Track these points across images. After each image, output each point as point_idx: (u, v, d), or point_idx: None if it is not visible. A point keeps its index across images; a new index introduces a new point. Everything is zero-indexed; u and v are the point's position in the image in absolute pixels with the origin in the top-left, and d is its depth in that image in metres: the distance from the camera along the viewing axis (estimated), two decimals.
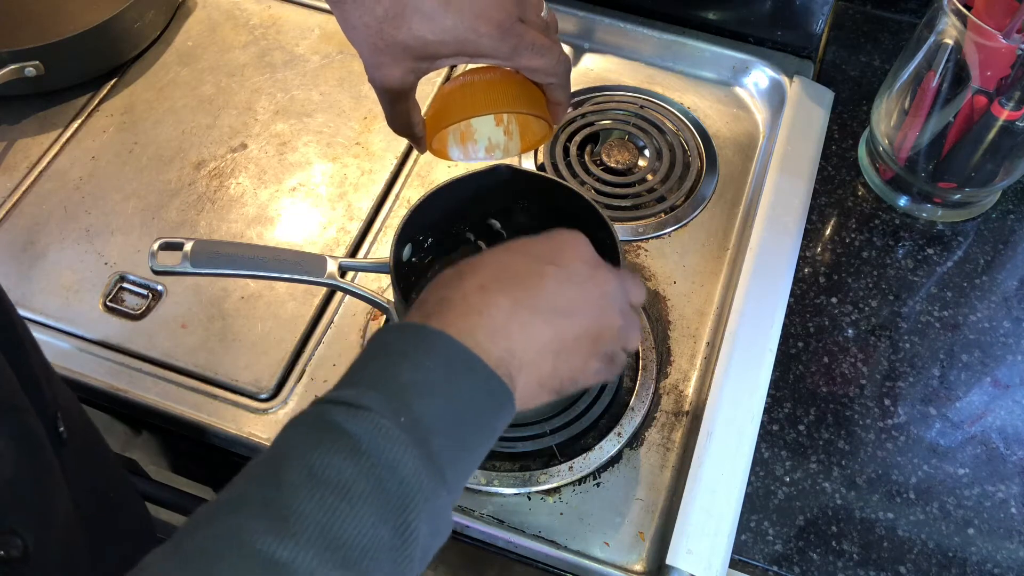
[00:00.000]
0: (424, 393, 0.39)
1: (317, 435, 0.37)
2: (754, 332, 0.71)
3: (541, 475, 0.67)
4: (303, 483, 0.35)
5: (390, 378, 0.39)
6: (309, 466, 0.35)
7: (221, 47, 0.96)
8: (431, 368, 0.40)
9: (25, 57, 0.84)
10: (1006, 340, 0.74)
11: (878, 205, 0.82)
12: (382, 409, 0.37)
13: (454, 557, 0.85)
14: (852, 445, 0.68)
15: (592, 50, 0.96)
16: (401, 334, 0.42)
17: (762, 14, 0.92)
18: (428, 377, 0.39)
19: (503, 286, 0.43)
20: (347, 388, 0.39)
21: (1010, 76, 0.67)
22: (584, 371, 0.46)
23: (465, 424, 0.40)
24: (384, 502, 0.35)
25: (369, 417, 0.37)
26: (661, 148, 0.87)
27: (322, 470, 0.35)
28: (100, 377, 0.72)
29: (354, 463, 0.35)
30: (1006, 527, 0.65)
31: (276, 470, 0.36)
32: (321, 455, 0.36)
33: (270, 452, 0.37)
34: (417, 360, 0.40)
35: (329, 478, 0.35)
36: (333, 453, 0.36)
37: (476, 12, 0.48)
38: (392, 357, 0.40)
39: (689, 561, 0.61)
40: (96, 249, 0.80)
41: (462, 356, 0.40)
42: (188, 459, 0.87)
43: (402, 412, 0.38)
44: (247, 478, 0.37)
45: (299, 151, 0.87)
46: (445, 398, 0.39)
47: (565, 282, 0.45)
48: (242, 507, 0.35)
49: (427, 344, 0.40)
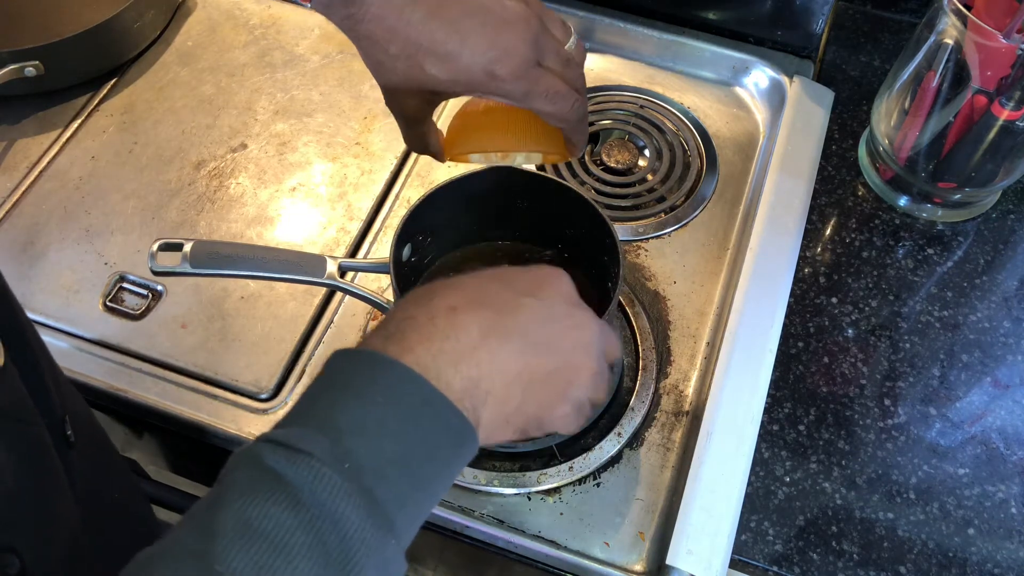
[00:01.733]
0: (372, 434, 0.36)
1: (256, 481, 0.34)
2: (754, 332, 0.71)
3: (541, 475, 0.67)
4: (237, 535, 0.32)
5: (336, 418, 0.36)
6: (246, 517, 0.33)
7: (221, 47, 0.96)
8: (382, 404, 0.37)
9: (25, 57, 0.84)
10: (1006, 340, 0.74)
11: (878, 205, 0.82)
12: (324, 455, 0.34)
13: (454, 557, 0.85)
14: (852, 445, 0.68)
15: (592, 50, 0.96)
16: (355, 364, 0.38)
17: (762, 14, 0.92)
18: (378, 415, 0.36)
19: (475, 309, 0.41)
20: (292, 426, 0.37)
21: (1010, 76, 0.67)
22: (552, 411, 0.44)
23: (418, 464, 0.37)
24: (324, 558, 0.33)
25: (309, 464, 0.34)
26: (661, 148, 0.87)
27: (258, 522, 0.33)
28: (100, 377, 0.72)
29: (293, 515, 0.33)
30: (1006, 527, 0.65)
31: (212, 519, 0.33)
32: (259, 505, 0.33)
33: (211, 494, 0.35)
34: (368, 395, 0.37)
35: (265, 531, 0.32)
36: (271, 503, 0.33)
37: (491, 57, 0.47)
38: (341, 392, 0.37)
39: (689, 561, 0.61)
40: (96, 249, 0.80)
41: (418, 389, 0.37)
42: (188, 459, 0.87)
43: (346, 458, 0.35)
44: (186, 525, 0.34)
45: (299, 151, 0.87)
46: (396, 438, 0.36)
47: (542, 316, 0.43)
48: (176, 559, 0.33)
49: (381, 377, 0.37)
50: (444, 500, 0.67)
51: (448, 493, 0.67)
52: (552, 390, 0.43)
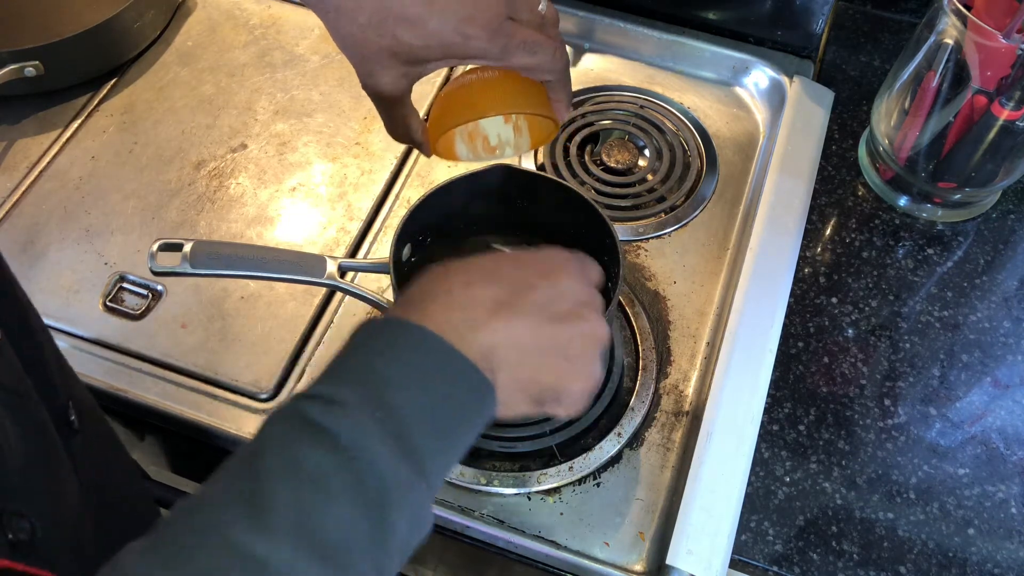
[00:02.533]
0: (402, 387, 0.39)
1: (295, 431, 0.37)
2: (754, 332, 0.71)
3: (541, 475, 0.67)
4: (281, 476, 0.35)
5: (367, 373, 0.39)
6: (287, 460, 0.35)
7: (221, 47, 0.96)
8: (409, 362, 0.39)
9: (25, 57, 0.84)
10: (1006, 340, 0.74)
11: (878, 205, 0.82)
12: (359, 404, 0.37)
13: (454, 557, 0.85)
14: (852, 445, 0.68)
15: (592, 50, 0.96)
16: (380, 328, 0.41)
17: (762, 14, 0.92)
18: (406, 371, 0.39)
19: (489, 284, 0.43)
20: (325, 384, 0.39)
21: (1010, 76, 0.67)
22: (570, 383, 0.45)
23: (444, 417, 0.40)
24: (362, 495, 0.35)
25: (345, 412, 0.37)
26: (661, 148, 0.87)
27: (300, 464, 0.35)
28: (100, 377, 0.72)
29: (332, 458, 0.35)
30: (1006, 527, 0.65)
31: (254, 464, 0.36)
32: (299, 449, 0.36)
33: (249, 447, 0.37)
34: (395, 354, 0.40)
35: (307, 472, 0.35)
36: (311, 447, 0.36)
37: (461, 15, 0.47)
38: (370, 352, 0.40)
39: (689, 561, 0.61)
40: (96, 249, 0.80)
41: (441, 349, 0.40)
42: (188, 459, 0.87)
43: (379, 407, 0.37)
44: (226, 472, 0.36)
45: (299, 151, 0.87)
46: (423, 391, 0.39)
47: (554, 295, 0.45)
48: (219, 500, 0.35)
49: (405, 338, 0.40)
50: (444, 500, 0.67)
51: (448, 493, 0.67)
52: (569, 363, 0.45)
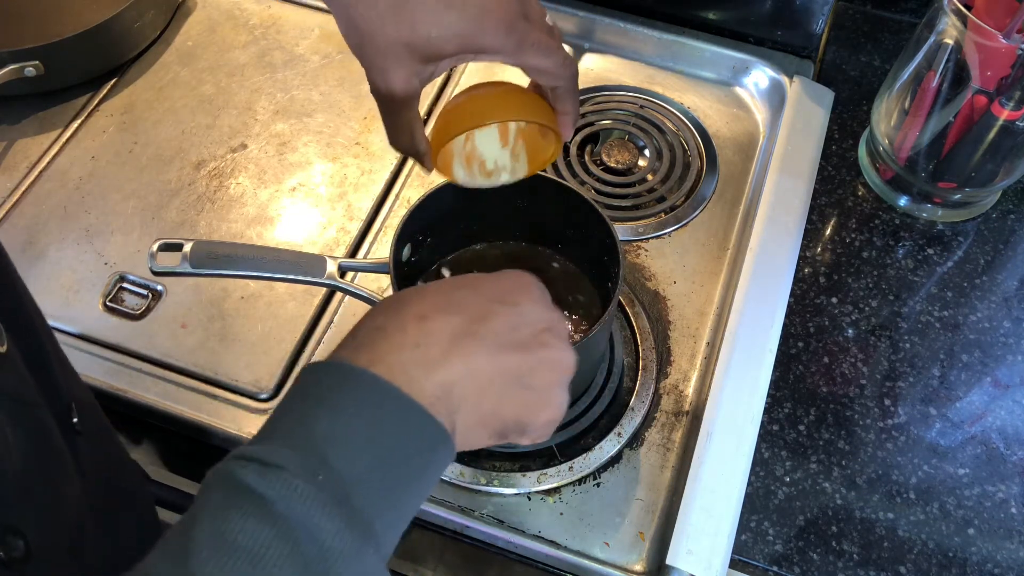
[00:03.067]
0: (345, 444, 0.35)
1: (230, 498, 0.34)
2: (754, 332, 0.71)
3: (541, 475, 0.67)
4: (213, 551, 0.32)
5: (308, 430, 0.36)
6: (220, 532, 0.32)
7: (221, 47, 0.96)
8: (353, 414, 0.36)
9: (25, 57, 0.84)
10: (1006, 340, 0.74)
11: (878, 205, 0.82)
12: (297, 468, 0.34)
13: (454, 557, 0.85)
14: (852, 445, 0.68)
15: (592, 50, 0.96)
16: (325, 375, 0.38)
17: (762, 14, 0.92)
18: (350, 425, 0.36)
19: (445, 316, 0.40)
20: (264, 442, 0.36)
21: (1010, 76, 0.67)
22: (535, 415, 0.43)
23: (394, 472, 0.36)
24: (302, 569, 0.32)
25: (282, 477, 0.34)
26: (661, 148, 0.87)
27: (234, 536, 0.32)
28: (100, 377, 0.72)
29: (268, 527, 0.32)
30: (1006, 527, 0.65)
31: (187, 538, 0.33)
32: (234, 519, 0.33)
33: (186, 516, 0.34)
34: (338, 406, 0.36)
35: (241, 544, 0.32)
36: (246, 517, 0.33)
37: (480, 6, 0.47)
38: (312, 404, 0.37)
39: (689, 561, 0.61)
40: (96, 249, 0.80)
41: (390, 397, 0.37)
42: (188, 459, 0.87)
43: (320, 469, 0.34)
44: (161, 547, 0.34)
45: (299, 151, 0.87)
46: (370, 447, 0.36)
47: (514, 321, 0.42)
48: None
49: (352, 387, 0.37)
50: (444, 500, 0.67)
51: (448, 493, 0.67)
52: (532, 394, 0.43)
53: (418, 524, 0.68)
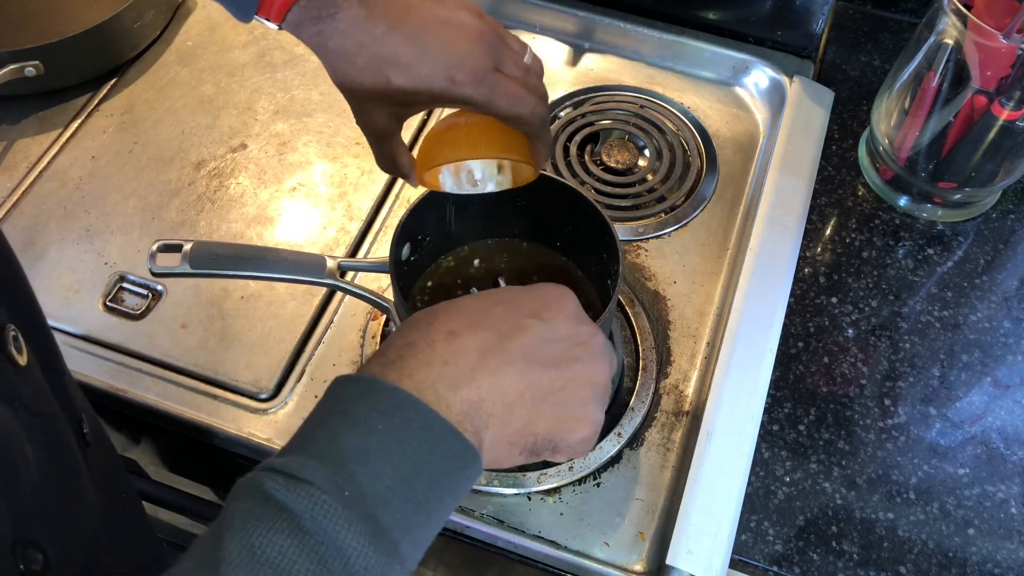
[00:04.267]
0: (373, 460, 0.36)
1: (258, 511, 0.35)
2: (754, 332, 0.71)
3: (541, 475, 0.67)
4: (242, 563, 0.33)
5: (336, 445, 0.36)
6: (250, 545, 0.33)
7: (221, 47, 0.96)
8: (383, 431, 0.37)
9: (25, 57, 0.84)
10: (1006, 340, 0.73)
11: (878, 205, 0.82)
12: (325, 483, 0.35)
13: (454, 557, 0.85)
14: (852, 445, 0.68)
15: (592, 50, 0.96)
16: (355, 389, 0.39)
17: (762, 14, 0.92)
18: (378, 442, 0.37)
19: (475, 332, 0.41)
20: (293, 453, 0.37)
21: (1010, 76, 0.67)
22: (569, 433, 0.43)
23: (421, 489, 0.37)
24: None
25: (310, 492, 0.34)
26: (661, 148, 0.87)
27: (263, 549, 0.33)
28: (100, 377, 0.72)
29: (296, 542, 0.33)
30: (1006, 527, 0.65)
31: (216, 549, 0.34)
32: (262, 533, 0.34)
33: (215, 525, 0.35)
34: (368, 422, 0.37)
35: (269, 558, 0.33)
36: (274, 531, 0.34)
37: (451, 63, 0.50)
38: (341, 419, 0.38)
39: (689, 561, 0.61)
40: (96, 249, 0.80)
41: (418, 414, 0.37)
42: (188, 459, 0.87)
43: (347, 485, 0.35)
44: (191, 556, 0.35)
45: (299, 151, 0.87)
46: (397, 464, 0.36)
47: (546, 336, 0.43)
48: None
49: (380, 403, 0.38)
50: None
51: None
52: (564, 410, 0.43)
53: None
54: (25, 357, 0.44)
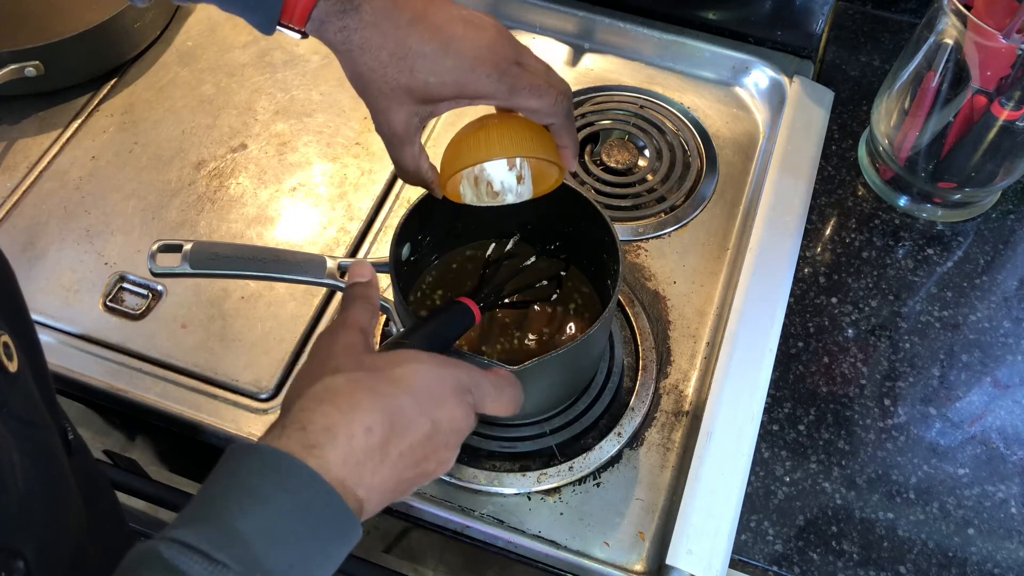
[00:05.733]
0: (281, 542, 0.39)
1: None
2: (754, 332, 0.71)
3: (541, 475, 0.67)
4: None
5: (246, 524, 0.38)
6: None
7: (221, 47, 0.96)
8: (289, 511, 0.39)
9: (25, 57, 0.84)
10: (1006, 340, 0.74)
11: (878, 205, 0.82)
12: (238, 565, 0.37)
13: (454, 557, 0.85)
14: (852, 445, 0.68)
15: (592, 50, 0.96)
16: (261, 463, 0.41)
17: (762, 14, 0.92)
18: (285, 523, 0.39)
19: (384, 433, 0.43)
20: (198, 524, 0.38)
21: (1010, 76, 0.67)
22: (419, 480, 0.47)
23: (317, 564, 0.40)
24: None
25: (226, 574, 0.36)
26: (661, 148, 0.87)
27: None
28: (100, 377, 0.72)
29: None
30: (1006, 527, 0.65)
31: None
32: None
33: None
34: (275, 500, 0.39)
35: None
36: None
37: (475, 55, 0.51)
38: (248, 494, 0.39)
39: (689, 561, 0.61)
40: (96, 249, 0.80)
41: (322, 495, 0.40)
42: (188, 459, 0.87)
43: (258, 566, 0.37)
44: None
45: (299, 151, 0.87)
46: (301, 545, 0.39)
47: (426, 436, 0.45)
48: None
49: (287, 479, 0.40)
50: (444, 500, 0.67)
51: (448, 493, 0.67)
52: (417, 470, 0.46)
53: (418, 524, 0.68)
54: (16, 364, 0.44)
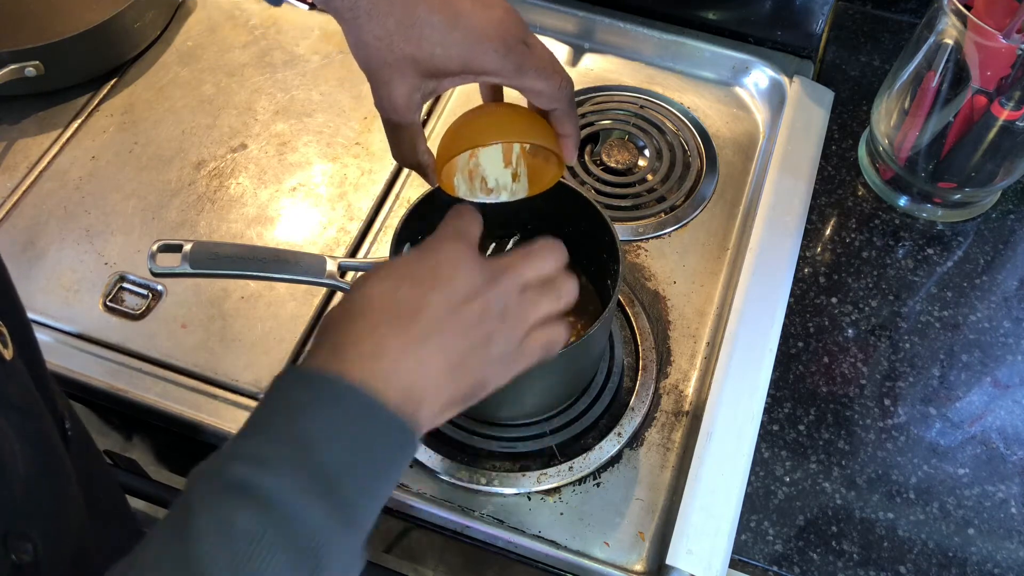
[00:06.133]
0: (326, 442, 0.39)
1: (224, 492, 0.37)
2: (754, 332, 0.71)
3: (541, 475, 0.67)
4: (213, 537, 0.35)
5: (293, 430, 0.40)
6: (218, 521, 0.36)
7: (221, 47, 0.96)
8: (333, 417, 0.40)
9: (25, 57, 0.84)
10: (1006, 340, 0.74)
11: (878, 205, 0.82)
12: (286, 464, 0.38)
13: (454, 557, 0.85)
14: (852, 445, 0.68)
15: (592, 50, 0.96)
16: (301, 383, 0.42)
17: (762, 14, 0.92)
18: (330, 426, 0.40)
19: (391, 326, 0.44)
20: (250, 441, 0.40)
21: (1010, 76, 0.67)
22: (487, 378, 0.47)
23: (368, 467, 0.41)
24: (296, 553, 0.36)
25: (273, 471, 0.38)
26: (661, 148, 0.87)
27: (231, 525, 0.36)
28: (100, 377, 0.72)
29: (263, 517, 0.36)
30: (1006, 527, 0.65)
31: (185, 526, 0.36)
32: (230, 511, 0.36)
33: (178, 510, 0.38)
34: (318, 411, 0.40)
35: (238, 531, 0.36)
36: (242, 508, 0.36)
37: (483, 30, 0.49)
38: (293, 409, 0.41)
39: (689, 561, 0.61)
40: (96, 249, 0.80)
41: (362, 402, 0.41)
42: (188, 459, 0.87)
43: (306, 465, 0.38)
44: (157, 537, 0.37)
45: (299, 151, 0.87)
46: (347, 445, 0.40)
47: (446, 308, 0.45)
48: (152, 566, 0.36)
49: (327, 393, 0.41)
50: (444, 500, 0.67)
51: (448, 493, 0.67)
52: (476, 363, 0.46)
53: (418, 524, 0.68)
54: (11, 351, 0.45)
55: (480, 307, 0.46)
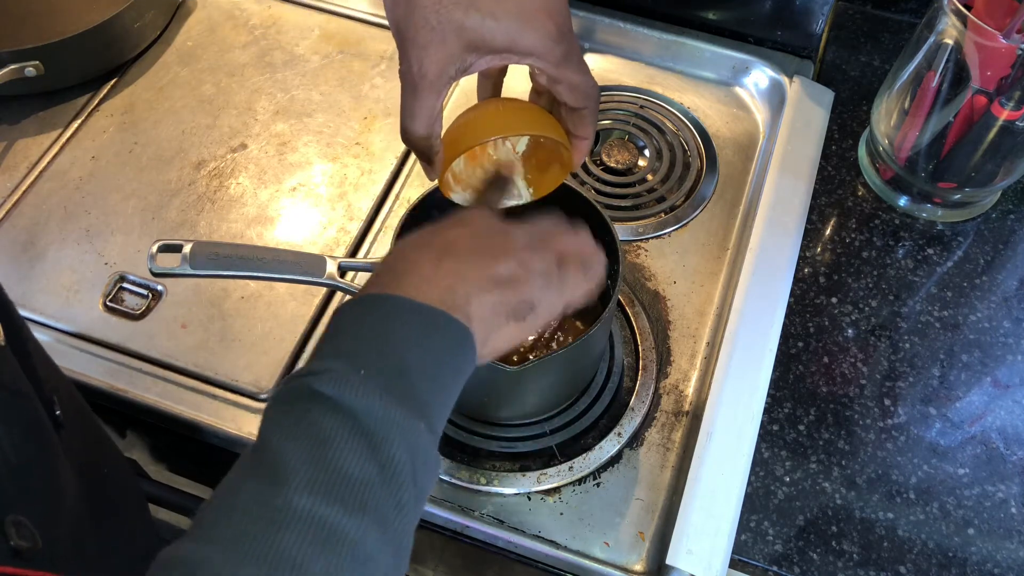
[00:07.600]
0: (388, 350, 0.42)
1: (295, 403, 0.40)
2: (754, 332, 0.71)
3: (541, 475, 0.67)
4: (284, 439, 0.38)
5: (352, 343, 0.42)
6: (291, 426, 0.39)
7: (221, 47, 0.96)
8: (390, 328, 0.43)
9: (25, 57, 0.84)
10: (1006, 340, 0.74)
11: (878, 205, 0.82)
12: (345, 368, 0.41)
13: (454, 557, 0.85)
14: (852, 445, 0.68)
15: (592, 50, 0.96)
16: (360, 305, 0.45)
17: (762, 14, 0.92)
18: (388, 336, 0.43)
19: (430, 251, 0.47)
20: (314, 360, 0.43)
21: (1010, 76, 0.67)
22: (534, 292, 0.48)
23: (433, 365, 0.43)
24: (365, 441, 0.39)
25: (332, 376, 0.40)
26: (661, 148, 0.87)
27: (305, 428, 0.38)
28: (100, 377, 0.72)
29: (333, 415, 0.39)
30: (1006, 527, 0.65)
31: (266, 440, 0.39)
32: (300, 415, 0.39)
33: (259, 430, 0.41)
34: (378, 324, 0.43)
35: (312, 433, 0.38)
36: (312, 412, 0.39)
37: (536, 10, 0.47)
38: (356, 325, 0.44)
39: (689, 561, 0.61)
40: (96, 249, 0.80)
41: (417, 311, 0.43)
42: (188, 459, 0.87)
43: (364, 365, 0.41)
44: (243, 455, 0.40)
45: (299, 151, 0.87)
46: (407, 349, 0.42)
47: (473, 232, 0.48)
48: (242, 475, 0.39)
49: (383, 308, 0.44)
50: (444, 500, 0.67)
51: (448, 493, 0.67)
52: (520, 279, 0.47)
53: (418, 524, 0.68)
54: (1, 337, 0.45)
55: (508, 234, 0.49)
